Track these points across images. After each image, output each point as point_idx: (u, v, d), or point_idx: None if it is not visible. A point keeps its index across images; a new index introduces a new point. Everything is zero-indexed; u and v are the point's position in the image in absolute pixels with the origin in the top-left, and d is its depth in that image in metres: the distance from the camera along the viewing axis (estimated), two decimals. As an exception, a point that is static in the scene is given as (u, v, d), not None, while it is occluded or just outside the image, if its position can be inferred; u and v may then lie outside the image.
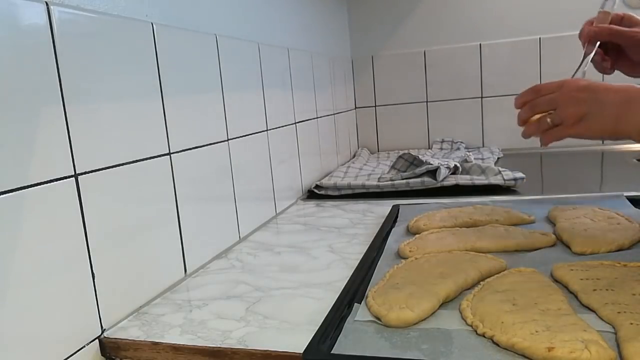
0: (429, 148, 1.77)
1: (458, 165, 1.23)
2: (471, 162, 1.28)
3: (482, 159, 1.44)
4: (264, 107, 1.05)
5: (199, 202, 0.80)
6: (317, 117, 1.41)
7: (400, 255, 0.72)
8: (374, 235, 0.83)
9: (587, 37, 0.70)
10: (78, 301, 0.56)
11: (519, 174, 1.13)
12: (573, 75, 0.69)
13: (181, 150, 0.75)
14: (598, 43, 0.69)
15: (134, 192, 0.65)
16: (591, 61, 0.70)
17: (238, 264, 0.80)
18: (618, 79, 0.69)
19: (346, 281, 0.64)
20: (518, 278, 0.59)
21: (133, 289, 0.65)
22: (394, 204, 1.00)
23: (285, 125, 1.17)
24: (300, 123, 1.26)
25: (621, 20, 0.71)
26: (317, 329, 0.52)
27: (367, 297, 0.58)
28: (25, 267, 0.49)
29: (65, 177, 0.54)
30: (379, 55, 1.81)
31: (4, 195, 0.47)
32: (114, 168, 0.62)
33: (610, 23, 0.70)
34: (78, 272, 0.56)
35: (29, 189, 0.50)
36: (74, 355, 0.55)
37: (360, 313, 0.55)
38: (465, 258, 0.65)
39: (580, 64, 0.69)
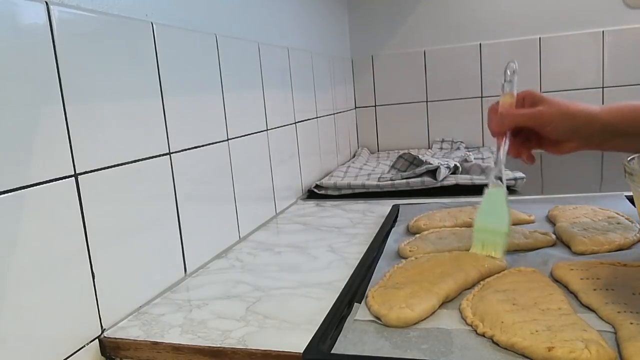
0: (429, 148, 1.77)
1: (458, 165, 1.23)
2: (471, 162, 1.27)
3: (482, 158, 1.44)
4: (264, 107, 1.05)
5: (199, 202, 0.80)
6: (317, 117, 1.41)
7: (400, 255, 0.72)
8: (374, 235, 0.83)
9: (495, 132, 0.67)
10: (78, 301, 0.56)
11: (519, 174, 1.13)
12: (489, 174, 0.65)
13: (181, 150, 0.75)
14: (508, 133, 0.66)
15: (134, 191, 0.65)
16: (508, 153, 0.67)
17: (238, 263, 0.80)
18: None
19: (346, 281, 0.64)
20: (518, 278, 0.59)
21: (133, 289, 0.65)
22: (394, 203, 1.00)
23: (285, 125, 1.17)
24: (300, 123, 1.26)
25: (523, 100, 0.67)
26: (317, 328, 0.52)
27: (367, 297, 0.58)
28: (25, 267, 0.49)
29: (65, 177, 0.54)
30: (379, 55, 1.81)
31: (4, 195, 0.47)
32: (114, 168, 0.62)
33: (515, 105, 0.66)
34: (78, 272, 0.56)
35: (29, 188, 0.50)
36: (74, 355, 0.55)
37: (360, 313, 0.55)
38: (466, 258, 0.65)
39: (497, 160, 0.66)
